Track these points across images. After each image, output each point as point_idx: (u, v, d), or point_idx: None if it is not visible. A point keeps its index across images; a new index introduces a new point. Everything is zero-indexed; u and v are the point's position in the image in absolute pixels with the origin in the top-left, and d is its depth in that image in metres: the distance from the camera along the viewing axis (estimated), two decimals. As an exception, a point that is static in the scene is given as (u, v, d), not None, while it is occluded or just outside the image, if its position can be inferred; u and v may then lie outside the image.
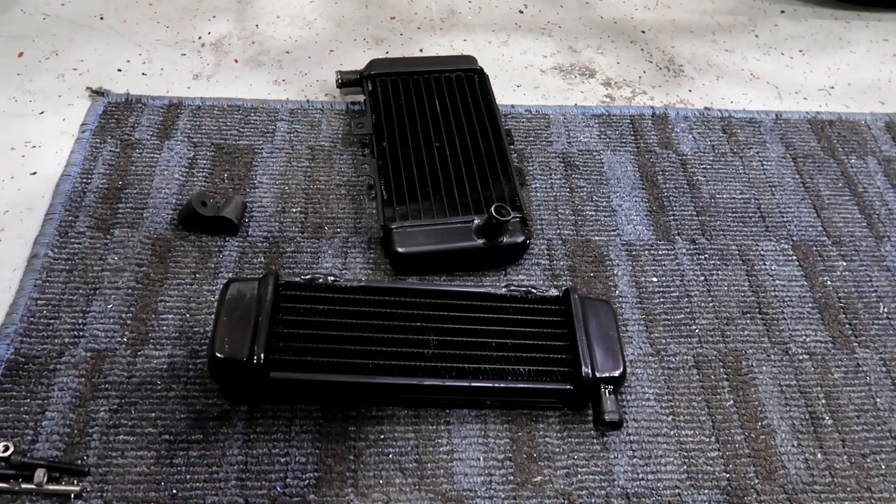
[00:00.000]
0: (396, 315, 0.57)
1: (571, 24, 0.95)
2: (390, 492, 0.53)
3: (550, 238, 0.69)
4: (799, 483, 0.56)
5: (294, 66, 0.85)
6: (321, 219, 0.69)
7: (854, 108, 0.87)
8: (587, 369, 0.55)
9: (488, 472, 0.54)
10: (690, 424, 0.58)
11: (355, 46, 0.88)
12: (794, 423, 0.59)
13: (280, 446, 0.54)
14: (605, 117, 0.81)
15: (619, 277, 0.67)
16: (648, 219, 0.72)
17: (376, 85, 0.77)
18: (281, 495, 0.52)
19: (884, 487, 0.56)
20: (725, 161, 0.78)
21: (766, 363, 0.62)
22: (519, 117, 0.80)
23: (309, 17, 0.92)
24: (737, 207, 0.74)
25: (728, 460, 0.56)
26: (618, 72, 0.89)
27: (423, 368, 0.55)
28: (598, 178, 0.75)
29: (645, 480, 0.55)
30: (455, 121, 0.74)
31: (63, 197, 0.68)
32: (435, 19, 0.93)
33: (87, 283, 0.62)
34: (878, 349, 0.64)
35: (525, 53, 0.90)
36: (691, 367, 0.61)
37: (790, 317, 0.66)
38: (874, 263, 0.70)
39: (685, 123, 0.81)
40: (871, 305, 0.67)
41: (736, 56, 0.93)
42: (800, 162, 0.79)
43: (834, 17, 1.00)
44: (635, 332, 0.63)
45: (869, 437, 0.59)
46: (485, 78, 0.79)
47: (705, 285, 0.67)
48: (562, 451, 0.56)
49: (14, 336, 0.58)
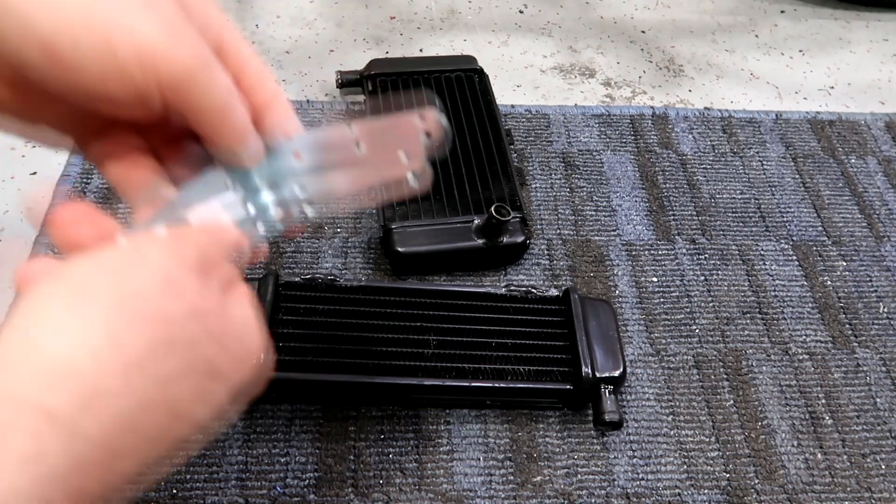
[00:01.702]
0: (396, 315, 0.57)
1: (571, 24, 0.95)
2: (390, 492, 0.53)
3: (550, 238, 0.69)
4: (799, 483, 0.56)
5: (294, 66, 0.85)
6: (321, 219, 0.69)
7: (854, 108, 0.87)
8: (587, 369, 0.55)
9: (488, 472, 0.54)
10: (690, 424, 0.58)
11: (355, 46, 0.88)
12: (794, 423, 0.59)
13: (280, 446, 0.54)
14: (605, 117, 0.81)
15: (619, 277, 0.67)
16: (648, 219, 0.72)
17: (376, 85, 0.77)
18: (281, 495, 0.52)
19: (884, 487, 0.56)
20: (725, 161, 0.78)
21: (766, 363, 0.62)
22: (519, 117, 0.80)
23: (309, 17, 0.92)
24: (737, 207, 0.74)
25: (728, 460, 0.56)
26: (618, 72, 0.89)
27: (423, 368, 0.55)
28: (598, 178, 0.75)
29: (645, 480, 0.55)
30: (455, 121, 0.74)
31: (63, 197, 0.68)
32: (435, 19, 0.93)
33: (87, 283, 0.62)
34: (878, 349, 0.64)
35: (525, 53, 0.90)
36: (691, 367, 0.61)
37: (790, 317, 0.66)
38: (874, 263, 0.70)
39: (685, 123, 0.81)
40: (871, 305, 0.67)
41: (736, 56, 0.93)
42: (800, 162, 0.79)
43: (834, 17, 1.00)
44: (635, 332, 0.63)
45: (869, 437, 0.59)
46: (485, 78, 0.79)
47: (705, 285, 0.67)
48: (562, 451, 0.56)
49: (14, 336, 0.58)
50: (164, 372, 0.24)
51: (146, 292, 0.24)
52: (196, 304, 0.25)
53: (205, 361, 0.25)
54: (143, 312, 0.24)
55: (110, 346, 0.23)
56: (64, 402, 0.21)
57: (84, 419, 0.22)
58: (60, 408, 0.21)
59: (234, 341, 0.27)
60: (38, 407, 0.21)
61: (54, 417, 0.21)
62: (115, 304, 0.23)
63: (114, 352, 0.23)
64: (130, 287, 0.24)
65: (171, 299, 0.25)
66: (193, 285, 0.26)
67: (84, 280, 0.24)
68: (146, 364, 0.23)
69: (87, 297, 0.24)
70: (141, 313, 0.24)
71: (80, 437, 0.21)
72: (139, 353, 0.23)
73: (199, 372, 0.25)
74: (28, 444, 0.20)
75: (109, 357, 0.23)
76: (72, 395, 0.22)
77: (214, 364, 0.26)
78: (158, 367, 0.24)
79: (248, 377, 0.28)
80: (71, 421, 0.21)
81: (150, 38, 0.26)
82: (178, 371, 0.24)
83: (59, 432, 0.21)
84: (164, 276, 0.25)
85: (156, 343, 0.24)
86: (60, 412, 0.21)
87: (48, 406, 0.21)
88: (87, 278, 0.24)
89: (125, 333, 0.23)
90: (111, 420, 0.22)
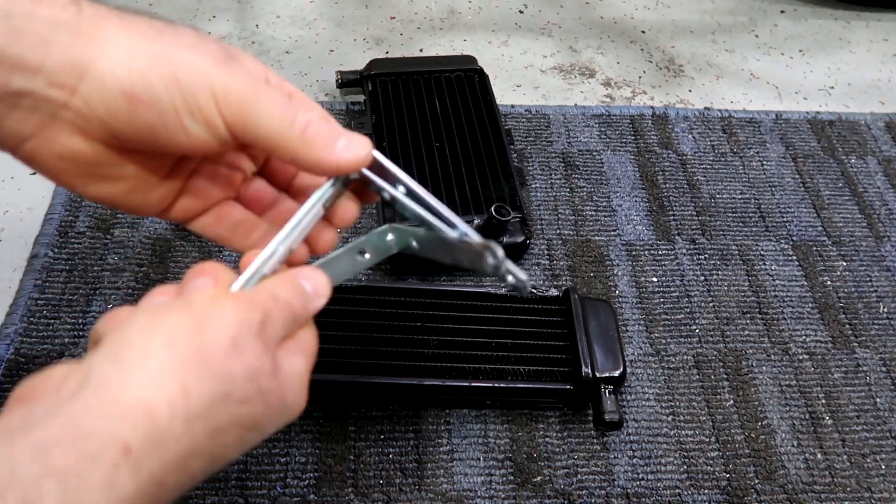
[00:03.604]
0: (396, 315, 0.57)
1: (571, 24, 0.95)
2: (390, 492, 0.53)
3: (550, 238, 0.69)
4: (799, 483, 0.56)
5: (294, 66, 0.85)
6: (321, 219, 0.69)
7: (854, 108, 0.87)
8: (587, 369, 0.55)
9: (488, 472, 0.54)
10: (690, 424, 0.58)
11: (355, 46, 0.88)
12: (794, 423, 0.59)
13: (280, 446, 0.54)
14: (605, 117, 0.81)
15: (619, 277, 0.67)
16: (648, 219, 0.72)
17: (376, 85, 0.77)
18: (281, 495, 0.52)
19: (884, 487, 0.56)
20: (725, 161, 0.78)
21: (766, 363, 0.62)
22: (519, 117, 0.80)
23: (309, 17, 0.92)
24: (737, 207, 0.74)
25: (728, 460, 0.56)
26: (618, 72, 0.89)
27: (423, 368, 0.55)
28: (598, 178, 0.75)
29: (645, 480, 0.55)
30: (455, 121, 0.74)
31: (63, 197, 0.68)
32: (435, 19, 0.93)
33: (87, 283, 0.62)
34: (878, 349, 0.64)
35: (525, 53, 0.90)
36: (691, 367, 0.61)
37: (790, 317, 0.66)
38: (874, 263, 0.70)
39: (685, 123, 0.81)
40: (871, 305, 0.67)
41: (736, 56, 0.93)
42: (800, 162, 0.79)
43: (834, 17, 1.00)
44: (635, 332, 0.63)
45: (869, 437, 0.59)
46: (485, 78, 0.79)
47: (705, 285, 0.67)
48: (562, 451, 0.56)
49: (14, 336, 0.58)
50: (216, 423, 0.27)
51: (216, 351, 0.28)
52: (253, 365, 0.28)
53: (251, 417, 0.29)
54: (210, 368, 0.27)
55: (181, 396, 0.26)
56: (139, 439, 0.25)
57: (151, 456, 0.25)
58: (136, 444, 0.25)
59: (279, 400, 0.30)
60: (120, 442, 0.24)
61: (130, 452, 0.24)
62: (190, 357, 0.27)
63: (183, 401, 0.26)
64: (203, 343, 0.27)
65: (234, 359, 0.28)
66: (255, 349, 0.29)
67: (170, 329, 0.28)
68: (205, 415, 0.27)
69: (169, 348, 0.27)
70: (208, 369, 0.27)
71: (146, 471, 0.25)
72: (201, 405, 0.27)
73: (244, 426, 0.29)
74: (108, 472, 0.24)
75: (178, 406, 0.26)
76: (146, 434, 0.25)
77: (258, 419, 0.29)
78: (214, 418, 0.27)
79: (282, 426, 0.32)
80: (142, 457, 0.25)
81: (205, 67, 0.31)
82: (227, 423, 0.28)
83: (132, 465, 0.24)
84: (231, 338, 0.28)
85: (216, 397, 0.27)
86: (135, 448, 0.25)
87: (127, 442, 0.24)
88: (173, 328, 0.28)
89: (194, 386, 0.27)
90: (169, 459, 0.26)
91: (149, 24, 0.31)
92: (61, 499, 0.23)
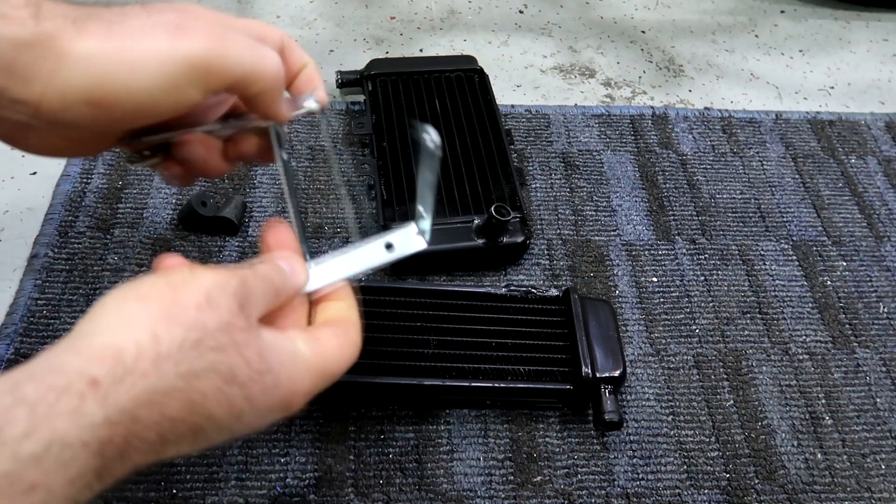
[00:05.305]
0: (396, 315, 0.57)
1: (571, 24, 0.95)
2: (390, 492, 0.53)
3: (550, 238, 0.69)
4: (799, 483, 0.56)
5: (294, 66, 0.85)
6: (321, 219, 0.69)
7: (854, 108, 0.87)
8: (587, 369, 0.55)
9: (488, 472, 0.54)
10: (690, 424, 0.58)
11: (355, 46, 0.88)
12: (794, 423, 0.59)
13: (280, 446, 0.54)
14: (605, 117, 0.81)
15: (619, 277, 0.67)
16: (648, 219, 0.72)
17: (376, 85, 0.77)
18: (281, 495, 0.52)
19: (884, 487, 0.56)
20: (725, 161, 0.78)
21: (766, 363, 0.62)
22: (519, 117, 0.80)
23: (309, 17, 0.92)
24: (737, 207, 0.74)
25: (728, 460, 0.56)
26: (618, 72, 0.89)
27: (423, 368, 0.55)
28: (598, 178, 0.75)
29: (645, 480, 0.55)
30: (455, 121, 0.74)
31: (63, 197, 0.68)
32: (435, 19, 0.93)
33: (87, 283, 0.62)
34: (878, 349, 0.64)
35: (525, 53, 0.90)
36: (691, 367, 0.61)
37: (790, 317, 0.66)
38: (874, 263, 0.70)
39: (685, 123, 0.81)
40: (871, 305, 0.67)
41: (736, 56, 0.93)
42: (800, 162, 0.79)
43: (834, 17, 1.00)
44: (635, 332, 0.63)
45: (869, 437, 0.59)
46: (485, 78, 0.79)
47: (705, 285, 0.67)
48: (562, 451, 0.56)
49: (14, 336, 0.58)
50: (188, 367, 0.29)
51: (188, 305, 0.30)
52: (226, 319, 0.31)
53: (228, 367, 0.30)
54: (181, 319, 0.30)
55: (149, 340, 0.29)
56: (106, 375, 0.27)
57: (119, 389, 0.27)
58: (102, 378, 0.27)
59: (261, 363, 0.32)
60: (87, 376, 0.27)
61: (97, 384, 0.27)
62: (161, 310, 0.30)
63: (151, 344, 0.28)
64: (176, 299, 0.30)
65: (206, 313, 0.30)
66: (230, 305, 0.31)
67: (143, 291, 0.31)
68: (175, 357, 0.29)
69: (141, 303, 0.30)
70: (179, 319, 0.30)
71: (113, 403, 0.27)
72: (171, 348, 0.29)
73: (220, 374, 0.30)
74: (75, 401, 0.26)
75: (147, 347, 0.28)
76: (112, 370, 0.27)
77: (236, 371, 0.31)
78: (185, 362, 0.29)
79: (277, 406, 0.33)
80: (109, 390, 0.27)
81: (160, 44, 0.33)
82: (201, 368, 0.29)
83: (100, 396, 0.27)
84: (205, 294, 0.31)
85: (187, 343, 0.29)
86: (103, 382, 0.27)
87: (94, 376, 0.27)
88: (146, 290, 0.31)
89: (163, 333, 0.29)
90: (138, 394, 0.28)
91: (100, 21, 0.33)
92: (30, 423, 0.25)
